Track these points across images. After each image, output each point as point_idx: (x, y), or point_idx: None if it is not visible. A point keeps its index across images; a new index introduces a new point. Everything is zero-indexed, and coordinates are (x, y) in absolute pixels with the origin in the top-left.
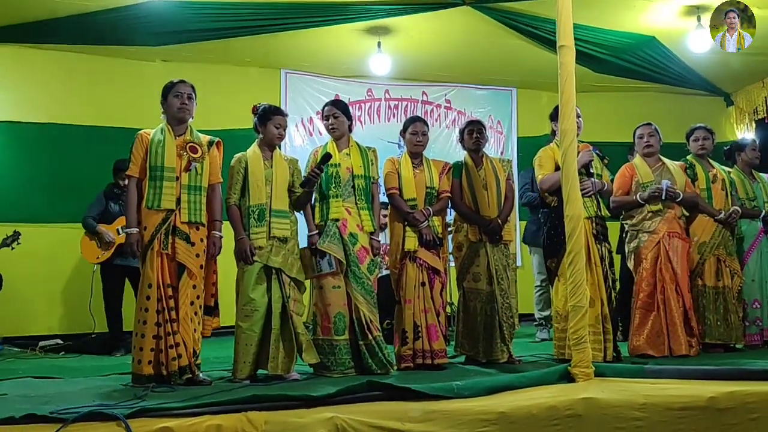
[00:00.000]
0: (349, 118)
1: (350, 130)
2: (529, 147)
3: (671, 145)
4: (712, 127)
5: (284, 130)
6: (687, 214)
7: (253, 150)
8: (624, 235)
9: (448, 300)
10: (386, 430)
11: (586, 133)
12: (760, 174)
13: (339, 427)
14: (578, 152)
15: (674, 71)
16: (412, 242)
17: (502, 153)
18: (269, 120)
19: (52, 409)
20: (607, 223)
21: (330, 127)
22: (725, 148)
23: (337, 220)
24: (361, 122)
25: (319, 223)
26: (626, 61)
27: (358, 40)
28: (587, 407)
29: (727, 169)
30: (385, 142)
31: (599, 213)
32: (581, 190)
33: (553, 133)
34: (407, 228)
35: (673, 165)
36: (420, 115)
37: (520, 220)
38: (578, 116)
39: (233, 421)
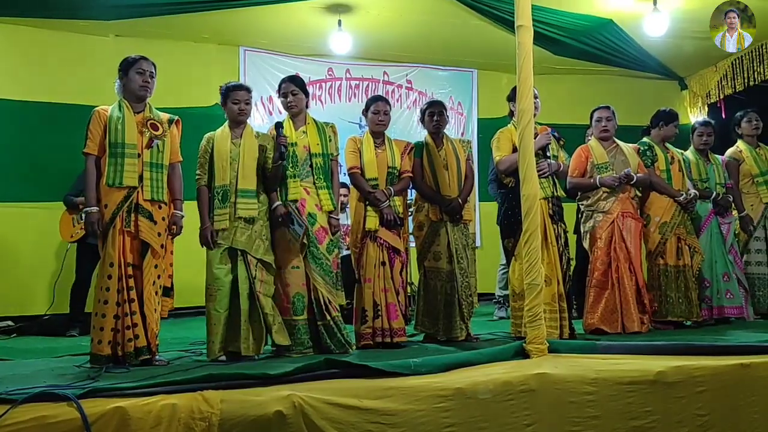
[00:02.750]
0: (307, 94)
1: (307, 107)
2: (489, 128)
3: (626, 128)
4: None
5: (246, 104)
6: (640, 194)
7: (222, 129)
8: (580, 216)
9: (409, 280)
10: (344, 407)
11: (544, 115)
12: (716, 156)
13: (296, 404)
14: (536, 134)
15: (631, 54)
16: (372, 222)
17: (462, 134)
18: (228, 97)
19: (1, 390)
20: (562, 203)
21: (288, 104)
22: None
23: (295, 200)
24: (321, 102)
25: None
26: (584, 44)
27: (318, 17)
28: (541, 382)
29: (680, 151)
30: (346, 122)
31: (555, 193)
32: (538, 171)
33: (511, 113)
34: (368, 207)
35: (627, 147)
36: (381, 94)
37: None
38: (536, 97)
39: (188, 401)
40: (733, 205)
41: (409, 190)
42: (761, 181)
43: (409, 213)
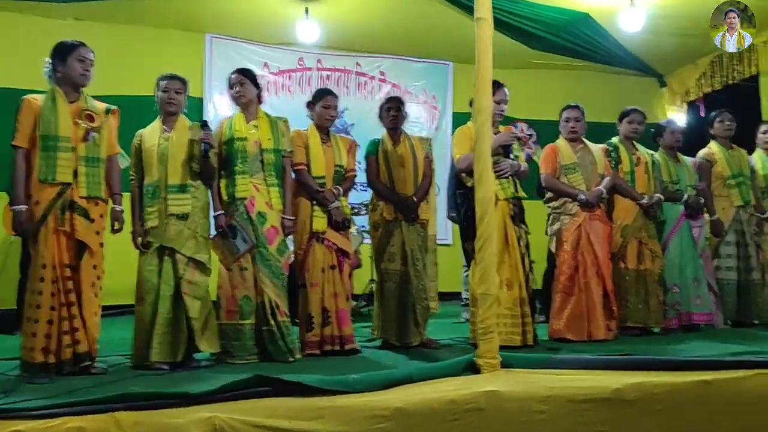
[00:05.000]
0: (258, 86)
1: (260, 101)
2: (464, 123)
3: (603, 125)
4: (644, 108)
5: (177, 93)
6: (607, 196)
7: (152, 125)
8: (547, 218)
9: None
10: (270, 430)
11: (520, 110)
12: (684, 157)
13: (217, 427)
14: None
15: (608, 50)
16: (320, 223)
17: (437, 129)
18: (157, 87)
19: None
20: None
21: (236, 95)
22: (651, 129)
23: (244, 198)
24: (291, 92)
25: (226, 201)
26: (561, 38)
27: (286, 5)
28: (489, 400)
29: (650, 152)
30: None
31: (516, 194)
32: (499, 171)
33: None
34: (315, 207)
35: (595, 148)
36: (354, 86)
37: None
38: (505, 97)
39: (98, 423)
40: (704, 207)
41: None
42: (733, 184)
43: (362, 212)
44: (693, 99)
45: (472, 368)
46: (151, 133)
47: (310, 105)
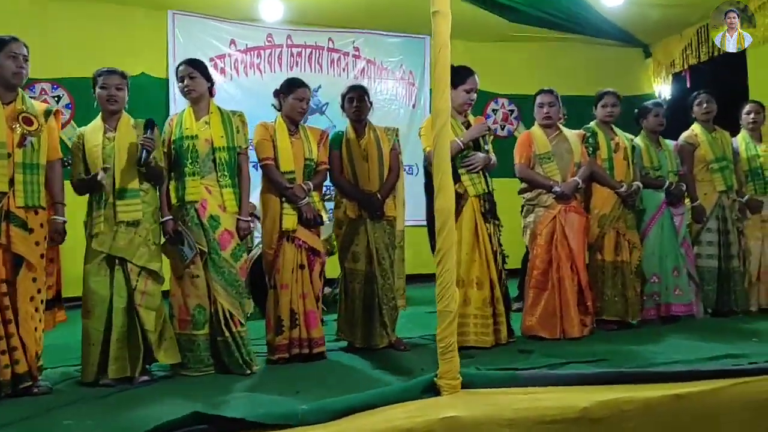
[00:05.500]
0: (209, 79)
1: (211, 94)
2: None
3: (587, 99)
4: (628, 80)
5: (118, 90)
6: (584, 185)
7: (94, 123)
8: (521, 209)
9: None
10: None
11: (501, 85)
12: (666, 141)
13: None
14: (470, 124)
15: (591, 21)
16: (290, 221)
17: (414, 106)
18: (95, 83)
19: None
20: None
21: (185, 89)
22: (635, 110)
23: (194, 201)
24: (260, 71)
25: (175, 204)
26: (542, 11)
27: None
28: (449, 428)
29: (630, 136)
30: None
31: (488, 189)
32: (468, 165)
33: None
34: (285, 204)
35: (571, 135)
36: (327, 63)
37: None
38: (475, 85)
39: None
40: (686, 193)
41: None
42: (716, 168)
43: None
44: (679, 70)
45: (432, 389)
46: (93, 133)
47: (280, 95)
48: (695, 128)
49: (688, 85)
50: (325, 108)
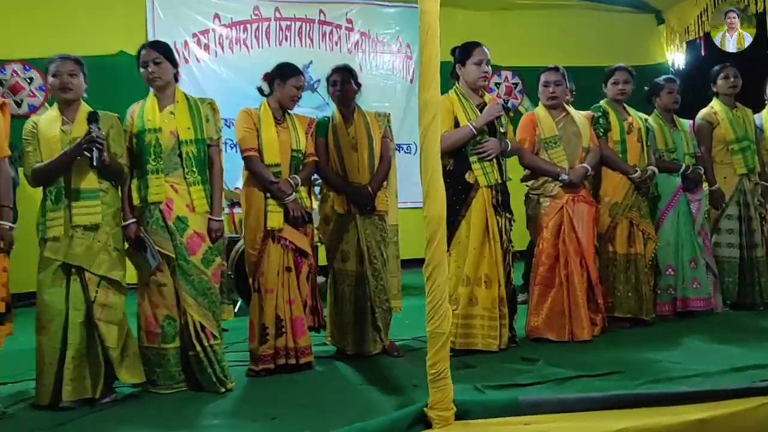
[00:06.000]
0: (175, 64)
1: (176, 80)
2: (442, 74)
3: (597, 69)
4: (640, 48)
5: (71, 75)
6: (593, 172)
7: (49, 113)
8: (525, 199)
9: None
10: None
11: (505, 57)
12: (682, 121)
13: None
14: (484, 105)
15: None
16: (276, 219)
17: (411, 81)
18: (46, 71)
19: None
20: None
21: (150, 76)
22: (645, 88)
23: (158, 202)
24: (247, 47)
25: (138, 206)
26: None
27: None
28: None
29: (644, 116)
30: None
31: (502, 179)
32: (481, 153)
33: (456, 76)
34: (269, 201)
35: (579, 116)
36: (318, 37)
37: None
38: (485, 56)
39: None
40: (703, 177)
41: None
42: (737, 149)
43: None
44: (693, 38)
45: (423, 421)
46: (48, 124)
47: (271, 81)
48: (714, 105)
49: (703, 54)
50: (317, 85)
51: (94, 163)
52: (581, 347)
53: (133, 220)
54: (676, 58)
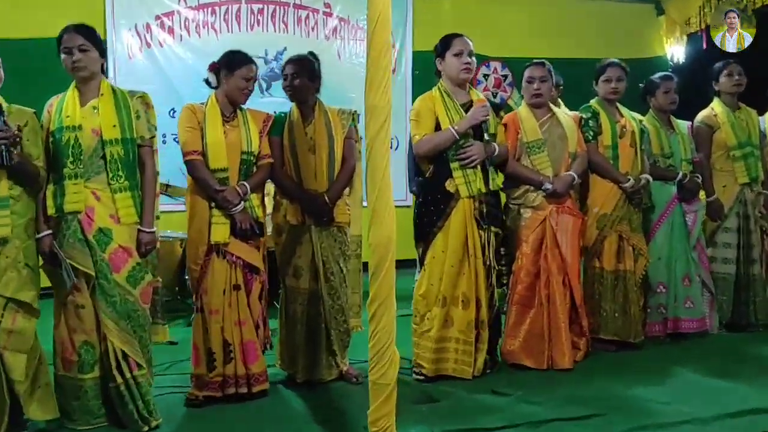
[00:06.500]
0: (102, 52)
1: (103, 72)
2: (426, 63)
3: (592, 62)
4: (638, 40)
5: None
6: (580, 180)
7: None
8: (504, 209)
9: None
10: None
11: (494, 48)
12: (679, 122)
13: None
14: (471, 105)
15: None
16: (220, 232)
17: (394, 71)
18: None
19: None
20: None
21: (74, 64)
22: (640, 84)
23: (76, 212)
24: (215, 30)
25: (54, 215)
26: None
27: None
28: None
29: (638, 117)
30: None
31: (488, 188)
32: (463, 158)
33: (438, 73)
34: (214, 211)
35: (566, 118)
36: (293, 22)
37: None
38: (466, 46)
39: None
40: (701, 186)
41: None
42: (738, 156)
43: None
44: (695, 30)
45: None
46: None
47: (219, 71)
48: (715, 106)
49: (705, 48)
50: None
51: (4, 163)
52: (561, 377)
53: (48, 231)
54: (676, 51)
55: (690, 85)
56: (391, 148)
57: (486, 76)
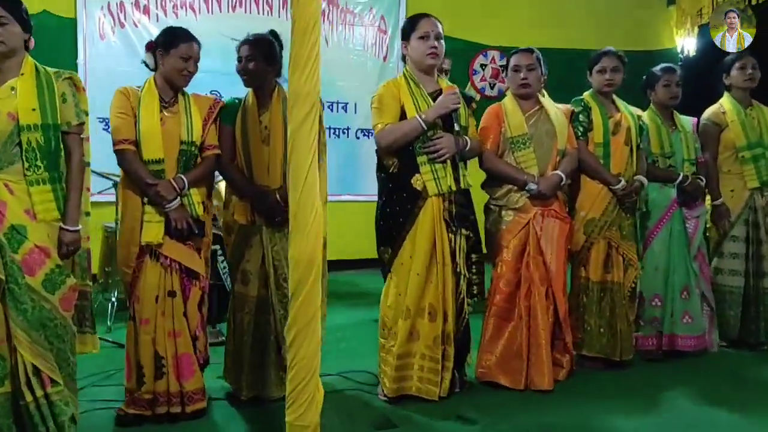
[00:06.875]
0: (27, 27)
1: (27, 48)
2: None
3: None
4: (647, 31)
5: None
6: (569, 180)
7: None
8: (484, 210)
9: None
10: None
11: (490, 35)
12: (683, 118)
13: None
14: (439, 93)
15: None
16: (153, 231)
17: (385, 59)
18: None
19: None
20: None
21: None
22: (644, 77)
23: None
24: (194, 11)
25: None
26: None
27: None
28: None
29: (638, 112)
30: (228, 39)
31: (459, 186)
32: (432, 152)
33: (405, 58)
34: (147, 207)
35: (556, 111)
36: (277, 6)
37: None
38: (434, 28)
39: None
40: (705, 190)
41: None
42: (748, 157)
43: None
44: (707, 21)
45: None
46: None
47: (156, 50)
48: (725, 102)
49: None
50: None
51: None
52: (538, 400)
53: None
54: (687, 43)
55: (701, 79)
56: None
57: (483, 66)
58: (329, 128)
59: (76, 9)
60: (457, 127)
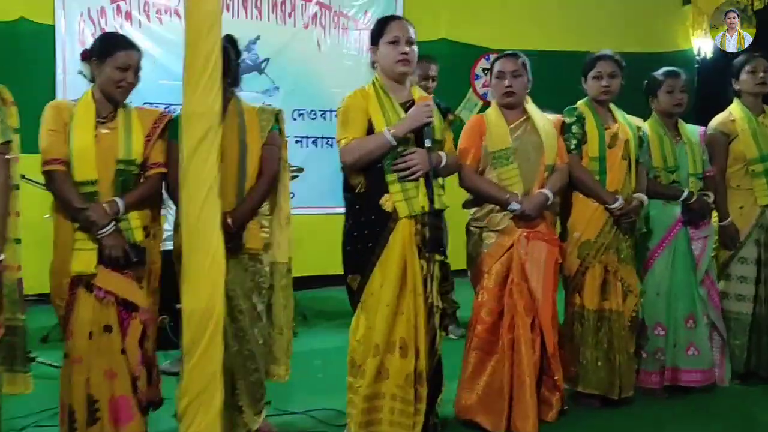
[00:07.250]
0: None
1: None
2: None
3: None
4: (661, 32)
5: None
6: (556, 199)
7: None
8: (466, 232)
9: None
10: None
11: (493, 38)
12: (689, 128)
13: None
14: (412, 104)
15: None
16: (83, 260)
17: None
18: None
19: None
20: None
21: None
22: (645, 82)
23: None
24: (178, 16)
25: None
26: None
27: None
28: None
29: (639, 122)
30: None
31: (432, 207)
32: (403, 169)
33: (372, 64)
34: (78, 234)
35: (544, 122)
36: (267, 8)
37: None
38: (405, 32)
39: None
40: (712, 206)
41: None
42: (760, 171)
43: None
44: None
45: None
46: None
47: (91, 59)
48: (734, 110)
49: None
50: (264, 65)
51: None
52: None
53: None
54: (703, 45)
55: (719, 83)
56: None
57: (485, 70)
58: (322, 137)
59: (54, 15)
60: (429, 143)
